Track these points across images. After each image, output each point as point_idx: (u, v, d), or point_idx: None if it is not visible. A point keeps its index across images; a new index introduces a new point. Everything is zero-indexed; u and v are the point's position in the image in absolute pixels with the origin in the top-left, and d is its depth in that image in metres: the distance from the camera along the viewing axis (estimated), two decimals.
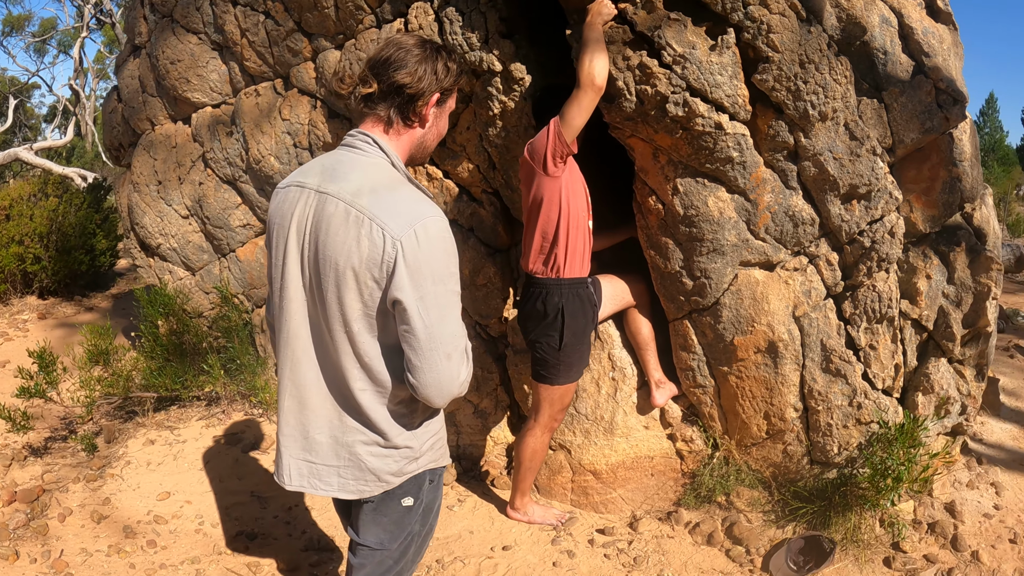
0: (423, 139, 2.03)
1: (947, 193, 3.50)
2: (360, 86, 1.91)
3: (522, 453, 3.69)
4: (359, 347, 1.88)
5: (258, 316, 5.27)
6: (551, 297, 3.42)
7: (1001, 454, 4.48)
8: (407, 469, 2.04)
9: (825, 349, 3.64)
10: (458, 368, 1.87)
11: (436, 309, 1.81)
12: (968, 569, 3.48)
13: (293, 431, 2.02)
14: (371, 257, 1.77)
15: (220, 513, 3.79)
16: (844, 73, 3.27)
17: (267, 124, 4.63)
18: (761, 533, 3.66)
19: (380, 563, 2.16)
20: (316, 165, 1.97)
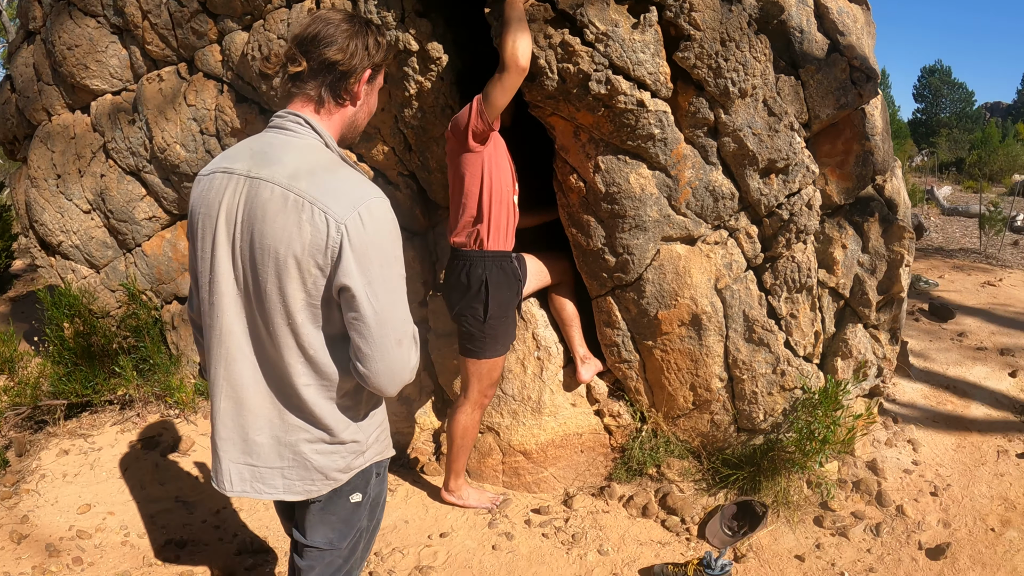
0: (355, 118, 1.94)
1: (860, 166, 3.61)
2: (288, 65, 1.81)
3: (454, 431, 3.65)
4: (303, 339, 1.79)
5: (168, 312, 5.07)
6: (475, 269, 3.40)
7: (915, 413, 4.69)
8: (354, 464, 1.97)
9: (747, 319, 3.72)
10: (408, 354, 1.82)
11: (385, 294, 1.74)
12: (894, 523, 3.62)
13: (231, 434, 1.90)
14: (314, 243, 1.68)
15: (145, 522, 3.62)
16: (764, 51, 3.32)
17: (171, 111, 4.42)
18: (694, 502, 3.73)
19: (329, 564, 2.09)
20: (243, 149, 1.84)
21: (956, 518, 3.68)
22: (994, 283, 8.13)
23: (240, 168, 1.79)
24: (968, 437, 4.48)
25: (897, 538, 3.53)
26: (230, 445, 1.90)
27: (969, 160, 23.59)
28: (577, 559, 3.38)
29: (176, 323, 4.96)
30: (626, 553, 3.43)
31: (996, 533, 3.56)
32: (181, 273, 4.89)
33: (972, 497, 3.84)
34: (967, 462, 4.19)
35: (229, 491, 1.93)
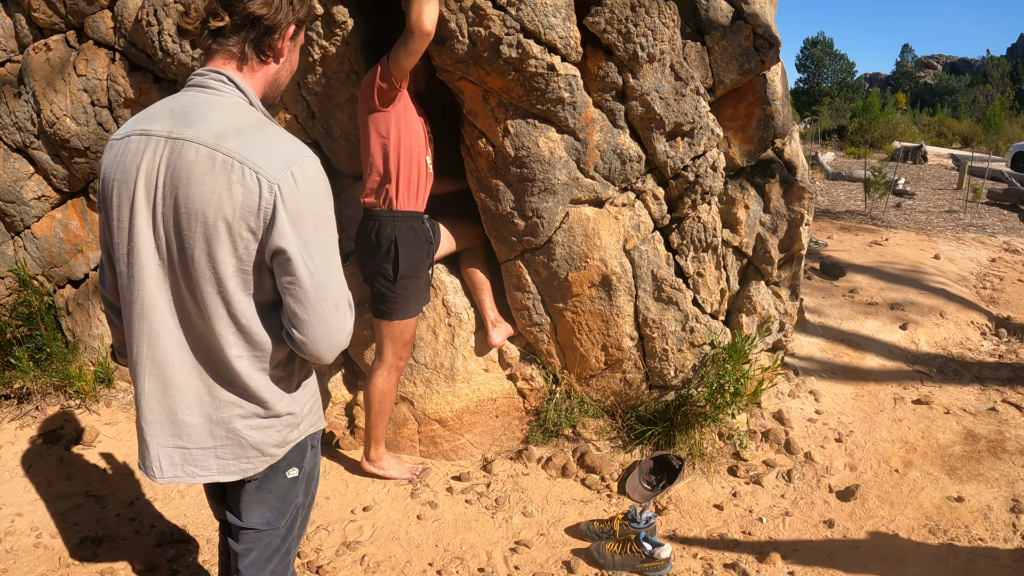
0: (277, 75, 1.86)
1: (762, 130, 3.73)
2: (210, 19, 1.69)
3: (371, 396, 3.60)
4: (234, 308, 1.70)
5: (61, 298, 4.82)
6: (384, 229, 3.36)
7: (813, 365, 4.91)
8: (290, 438, 1.90)
9: (656, 279, 3.80)
10: (345, 317, 1.76)
11: (320, 256, 1.68)
12: (804, 469, 3.80)
13: (158, 416, 1.79)
14: (245, 205, 1.60)
15: (57, 521, 3.44)
16: (672, 17, 3.39)
17: (60, 82, 4.17)
18: (612, 459, 3.81)
19: (267, 545, 2.02)
20: (161, 109, 1.72)
21: (861, 462, 3.89)
22: (880, 242, 8.57)
23: (160, 129, 1.67)
24: (865, 386, 4.73)
25: (808, 483, 3.71)
26: (157, 428, 1.80)
27: (851, 127, 24.75)
28: (503, 523, 3.42)
29: (71, 308, 4.72)
30: (550, 513, 3.49)
31: (900, 474, 3.79)
32: (74, 255, 4.65)
33: (874, 441, 4.07)
34: (866, 409, 4.43)
35: (159, 477, 1.82)
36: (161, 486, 3.67)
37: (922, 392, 4.69)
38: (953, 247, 8.76)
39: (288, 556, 2.11)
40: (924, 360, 5.24)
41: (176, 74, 3.85)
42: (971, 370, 5.10)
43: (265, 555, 2.03)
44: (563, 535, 3.34)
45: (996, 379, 4.96)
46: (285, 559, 2.10)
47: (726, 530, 3.38)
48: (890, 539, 3.33)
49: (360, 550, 3.22)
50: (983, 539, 3.32)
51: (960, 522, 3.43)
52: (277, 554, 2.06)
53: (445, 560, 3.16)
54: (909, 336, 5.54)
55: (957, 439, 4.13)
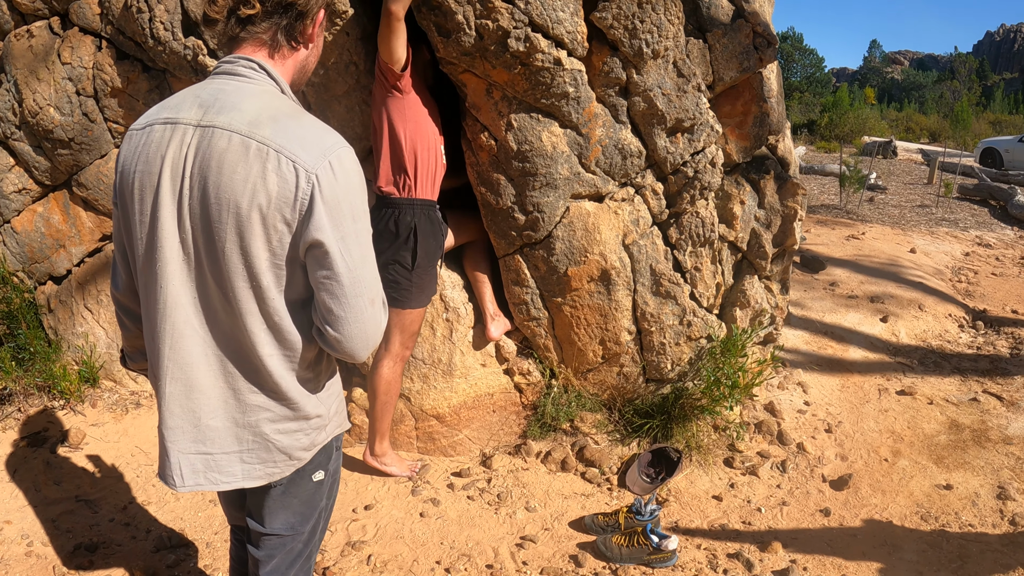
0: (306, 62, 1.79)
1: (758, 126, 3.76)
2: (241, 7, 1.62)
3: (376, 386, 3.57)
4: (267, 304, 1.62)
5: (43, 295, 4.71)
6: (403, 217, 3.37)
7: (799, 357, 4.97)
8: (318, 441, 1.85)
9: (654, 273, 3.82)
10: (381, 314, 1.70)
11: (358, 250, 1.61)
12: (797, 459, 3.85)
13: (180, 421, 1.71)
14: (281, 195, 1.52)
15: (48, 528, 3.34)
16: (677, 14, 3.40)
17: (44, 70, 4.07)
18: (610, 452, 3.83)
19: (290, 551, 1.97)
20: (188, 97, 1.64)
21: (851, 451, 3.95)
22: (858, 236, 8.70)
23: (188, 117, 1.59)
24: (851, 378, 4.80)
25: (802, 473, 3.76)
26: (179, 434, 1.72)
27: (821, 122, 25.06)
28: (507, 518, 3.41)
29: (53, 305, 4.62)
30: (553, 508, 3.49)
31: (889, 463, 3.85)
32: (56, 251, 4.55)
33: (863, 432, 4.13)
34: (853, 400, 4.49)
35: (180, 486, 1.74)
36: (154, 489, 3.61)
37: (905, 383, 4.77)
38: (928, 241, 8.92)
39: (309, 561, 2.06)
40: (905, 352, 5.33)
41: (167, 63, 3.77)
42: (951, 362, 5.20)
43: (287, 560, 1.98)
44: (567, 529, 3.35)
45: (975, 370, 5.06)
46: (307, 564, 2.05)
47: (726, 520, 3.42)
48: (884, 526, 3.38)
49: (366, 550, 3.19)
50: (973, 525, 3.39)
51: (950, 509, 3.50)
52: (299, 559, 2.01)
53: (452, 558, 3.15)
54: (890, 328, 5.63)
55: (942, 429, 4.21)
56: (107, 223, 4.44)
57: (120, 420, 4.18)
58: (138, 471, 3.74)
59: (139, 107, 4.02)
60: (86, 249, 4.52)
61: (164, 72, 3.94)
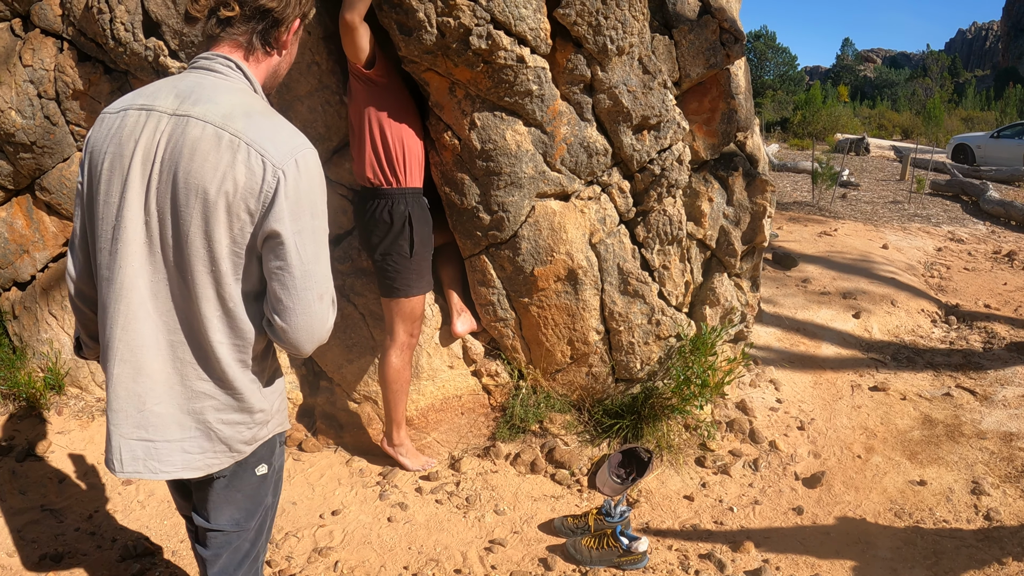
0: (278, 67, 1.88)
1: (725, 123, 3.75)
2: (221, 9, 1.71)
3: (386, 375, 3.56)
4: (224, 290, 1.68)
5: (7, 301, 4.63)
6: (397, 206, 3.37)
7: (771, 355, 4.97)
8: (259, 436, 1.87)
9: (622, 272, 3.80)
10: (328, 311, 1.76)
11: (312, 245, 1.68)
12: (770, 457, 3.84)
13: (124, 405, 1.72)
14: (248, 186, 1.60)
15: (13, 538, 3.27)
16: (642, 10, 3.38)
17: (5, 72, 3.98)
18: (580, 453, 3.80)
19: (237, 549, 1.98)
20: (165, 87, 1.71)
21: (824, 449, 3.95)
22: (830, 233, 8.73)
23: (164, 106, 1.67)
24: (823, 374, 4.81)
25: (774, 471, 3.75)
26: (122, 418, 1.73)
27: (794, 120, 25.22)
28: (476, 522, 3.38)
29: (17, 312, 4.54)
30: (522, 511, 3.46)
31: (863, 460, 3.85)
32: (19, 256, 4.47)
33: (835, 428, 4.13)
34: (826, 397, 4.50)
35: (119, 471, 1.75)
36: (120, 497, 3.54)
37: (878, 379, 4.78)
38: (900, 237, 8.97)
39: (257, 562, 2.08)
40: (878, 348, 5.34)
41: (128, 64, 3.71)
42: (924, 357, 5.23)
43: (235, 560, 1.99)
44: (537, 532, 3.31)
45: (948, 365, 5.08)
46: (255, 565, 2.07)
47: (698, 521, 3.40)
48: (858, 524, 3.38)
49: (332, 556, 3.15)
50: (947, 520, 3.39)
51: (924, 505, 3.50)
52: (247, 560, 2.02)
53: (420, 563, 3.11)
54: (862, 324, 5.65)
55: (915, 424, 4.22)
56: (71, 227, 4.37)
57: (86, 427, 4.10)
58: (104, 479, 3.68)
59: (100, 109, 3.95)
60: (50, 254, 4.44)
61: (126, 74, 3.87)
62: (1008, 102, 38.13)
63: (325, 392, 4.01)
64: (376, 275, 3.56)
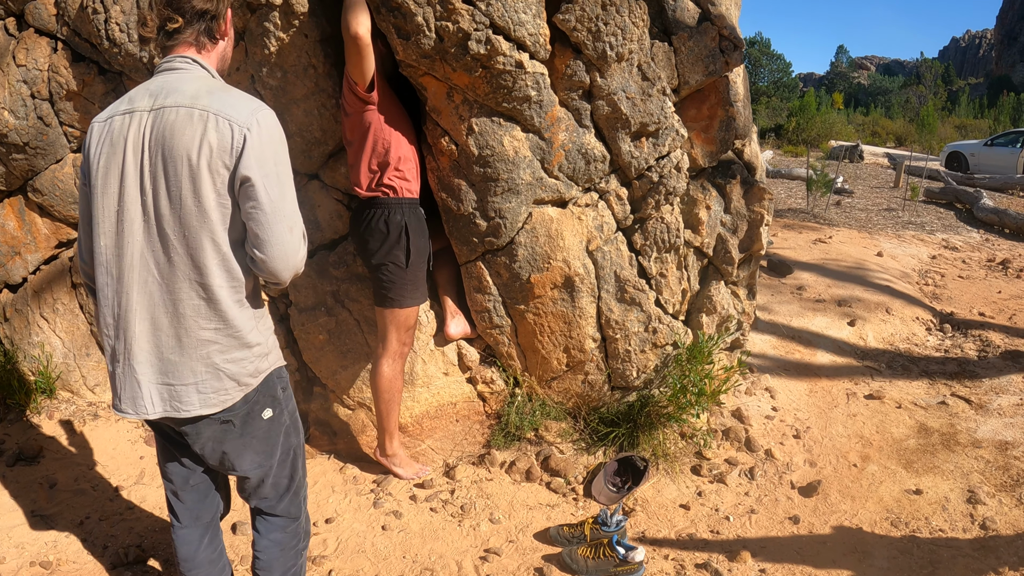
0: (224, 51, 2.24)
1: (724, 131, 3.73)
2: (167, 24, 2.05)
3: (379, 384, 3.54)
4: (217, 238, 1.99)
5: None
6: (393, 216, 3.37)
7: (766, 362, 4.96)
8: (262, 368, 2.18)
9: (619, 280, 3.78)
10: (299, 241, 2.08)
11: (278, 186, 2.00)
12: (766, 466, 3.82)
13: (148, 356, 2.04)
14: (221, 146, 1.93)
15: (4, 544, 3.23)
16: (642, 16, 3.37)
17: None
18: (576, 462, 3.78)
19: (275, 485, 2.33)
20: (141, 91, 2.05)
21: (820, 457, 3.93)
22: (824, 240, 8.73)
23: (142, 106, 2.00)
24: (818, 382, 4.80)
25: (771, 480, 3.73)
26: (148, 367, 2.05)
27: (788, 127, 25.27)
28: (471, 530, 3.35)
29: (8, 314, 4.49)
30: (518, 519, 3.43)
31: (859, 468, 3.84)
32: (11, 258, 4.43)
33: (831, 437, 4.12)
34: (821, 405, 4.48)
35: (151, 413, 2.05)
36: (112, 504, 3.51)
37: (873, 387, 4.77)
38: (895, 245, 8.98)
39: (299, 496, 2.44)
40: (873, 356, 5.33)
41: (123, 65, 3.68)
42: (919, 365, 5.22)
43: (277, 493, 2.36)
44: (532, 541, 3.29)
45: (943, 373, 5.08)
46: (296, 498, 2.42)
47: (694, 530, 3.38)
48: (854, 533, 3.36)
49: (326, 565, 3.11)
50: (943, 530, 3.37)
51: (920, 514, 3.48)
52: (288, 493, 2.38)
53: (415, 572, 3.08)
54: (857, 332, 5.65)
55: (911, 433, 4.21)
56: (63, 229, 4.33)
57: (78, 432, 4.07)
58: (96, 485, 3.64)
59: (95, 110, 3.93)
60: (42, 256, 4.41)
61: (120, 75, 3.85)
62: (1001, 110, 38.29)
63: (319, 398, 3.98)
64: (371, 284, 3.54)
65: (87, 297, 2.35)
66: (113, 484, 3.66)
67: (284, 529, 2.41)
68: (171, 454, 2.34)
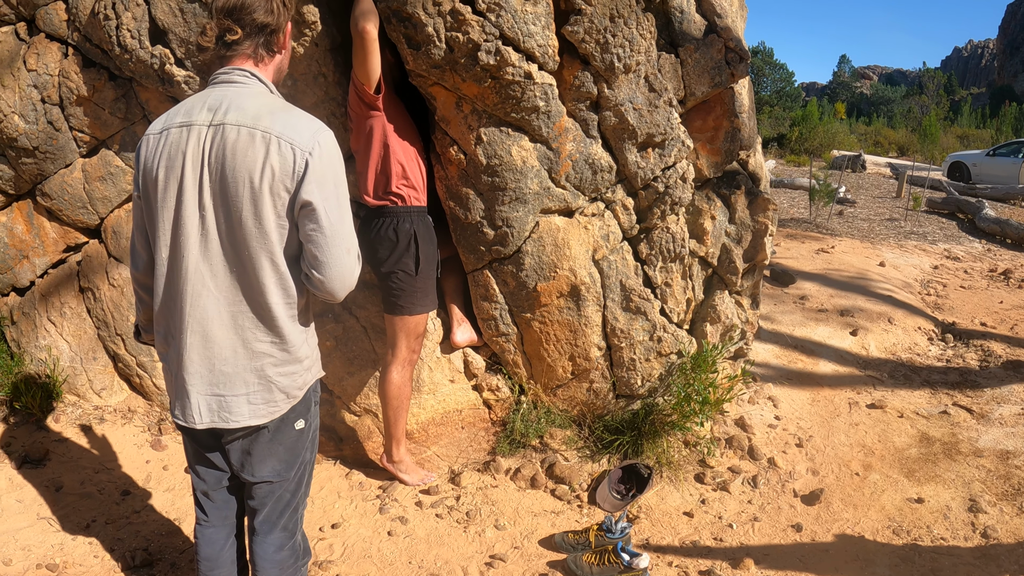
0: (281, 64, 2.25)
1: (729, 141, 3.77)
2: (226, 35, 2.06)
3: (387, 391, 3.56)
4: (276, 258, 2.03)
5: (5, 306, 4.61)
6: (402, 224, 3.40)
7: (769, 371, 4.98)
8: (307, 380, 2.24)
9: (625, 289, 3.81)
10: (355, 262, 2.11)
11: (337, 209, 2.03)
12: (768, 474, 3.85)
13: (199, 368, 2.08)
14: (283, 169, 1.94)
15: (9, 546, 3.24)
16: (650, 29, 3.41)
17: (9, 76, 3.98)
18: (580, 469, 3.80)
19: (279, 498, 2.31)
20: (197, 103, 2.05)
21: (823, 466, 3.95)
22: (827, 250, 8.76)
23: (201, 119, 2.01)
24: (821, 392, 4.82)
25: (773, 488, 3.75)
26: (198, 379, 2.09)
27: (791, 136, 25.31)
28: (476, 536, 3.37)
29: (16, 317, 4.52)
30: (523, 526, 3.46)
31: (861, 477, 3.86)
32: (19, 261, 4.45)
33: (833, 446, 4.14)
34: (823, 414, 4.50)
35: (199, 423, 2.11)
36: (118, 508, 3.53)
37: (875, 396, 4.79)
38: (897, 254, 9.01)
39: (297, 512, 2.41)
40: (875, 365, 5.36)
41: (134, 72, 3.71)
42: (921, 375, 5.24)
43: (278, 509, 2.32)
44: (537, 548, 3.31)
45: (945, 383, 5.10)
46: (295, 515, 2.39)
47: (698, 537, 3.40)
48: (857, 541, 3.38)
49: (332, 570, 3.13)
50: (945, 538, 3.40)
51: (922, 523, 3.50)
52: (288, 509, 2.35)
53: None
54: (860, 342, 5.67)
55: (913, 442, 4.23)
56: (71, 234, 4.36)
57: (84, 436, 4.09)
58: (102, 488, 3.66)
59: (105, 116, 3.96)
60: (50, 260, 4.43)
61: (131, 81, 3.88)
62: (1004, 120, 38.32)
63: (325, 404, 4.00)
64: (380, 292, 3.56)
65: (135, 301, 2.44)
66: (119, 487, 3.68)
67: (281, 548, 2.38)
68: (203, 457, 2.35)
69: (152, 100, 3.86)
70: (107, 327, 4.33)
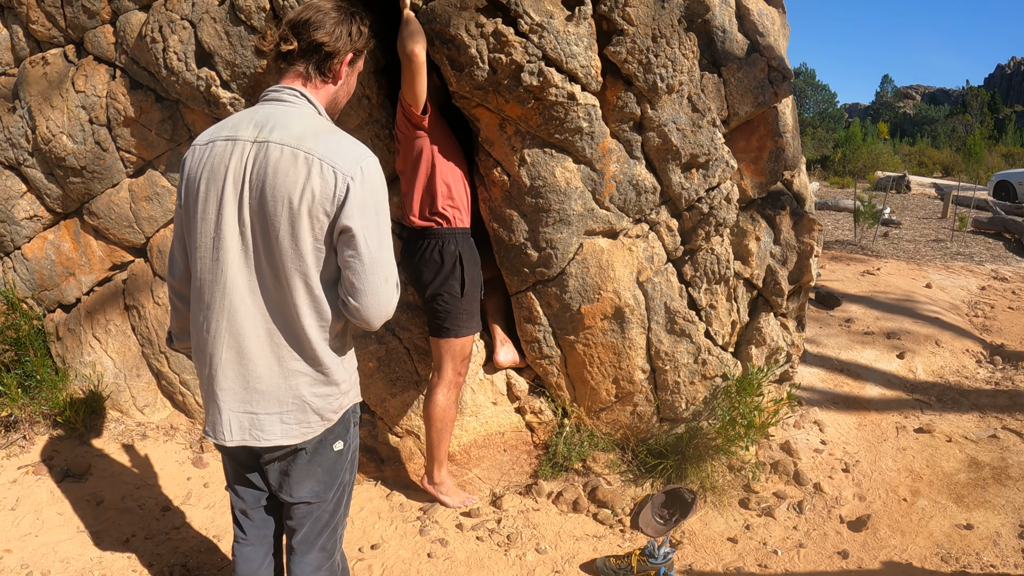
0: (336, 95, 2.20)
1: (773, 161, 3.71)
2: (282, 43, 2.06)
3: (432, 413, 3.55)
4: (311, 281, 1.99)
5: (51, 322, 4.69)
6: (448, 246, 3.41)
7: (815, 395, 4.89)
8: (344, 404, 2.19)
9: (669, 311, 3.76)
10: (393, 291, 2.07)
11: (376, 237, 1.99)
12: (814, 500, 3.76)
13: (232, 384, 2.06)
14: (324, 192, 1.91)
15: (48, 559, 3.27)
16: (692, 48, 3.38)
17: (58, 97, 4.07)
18: (623, 493, 3.74)
19: (317, 519, 2.26)
20: (245, 118, 2.04)
21: (870, 491, 3.86)
22: (873, 272, 8.61)
23: (246, 135, 1.99)
24: (867, 416, 4.71)
25: (819, 514, 3.66)
26: (231, 395, 2.06)
27: (834, 158, 25.03)
28: (516, 560, 3.33)
29: (61, 333, 4.59)
30: (564, 550, 3.41)
31: (908, 503, 3.76)
32: (65, 279, 4.53)
33: (880, 471, 4.04)
34: (870, 439, 4.40)
35: (229, 440, 2.08)
36: (158, 523, 3.55)
37: (923, 420, 4.68)
38: (943, 276, 8.83)
39: (336, 533, 2.36)
40: (923, 389, 5.23)
41: (180, 93, 3.76)
42: (969, 398, 5.11)
43: (316, 529, 2.28)
44: (579, 572, 3.26)
45: (994, 406, 4.96)
46: (333, 536, 2.35)
47: (742, 563, 3.33)
48: (904, 568, 3.29)
49: None
50: (995, 565, 3.29)
51: (971, 549, 3.40)
52: (327, 529, 2.31)
53: None
54: (907, 365, 5.55)
55: (961, 467, 4.11)
56: (117, 252, 4.42)
57: (126, 452, 4.13)
58: (142, 504, 3.69)
59: (151, 137, 4.02)
60: (96, 278, 4.50)
61: (177, 102, 3.93)
62: None
63: (367, 425, 4.00)
64: (426, 314, 3.56)
65: (170, 308, 2.43)
66: (160, 504, 3.71)
67: (319, 568, 2.34)
68: (242, 476, 2.34)
69: (198, 122, 3.91)
70: (151, 344, 4.37)
